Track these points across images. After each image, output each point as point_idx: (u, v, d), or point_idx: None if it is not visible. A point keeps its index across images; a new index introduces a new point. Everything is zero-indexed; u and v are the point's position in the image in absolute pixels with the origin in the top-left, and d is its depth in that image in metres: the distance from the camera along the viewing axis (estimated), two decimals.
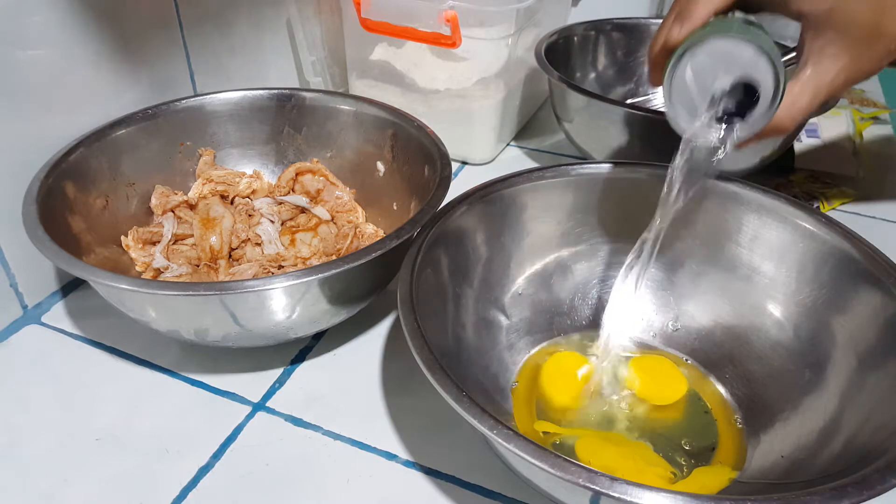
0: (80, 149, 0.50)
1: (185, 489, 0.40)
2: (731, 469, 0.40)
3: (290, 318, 0.43)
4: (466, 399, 0.33)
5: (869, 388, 0.38)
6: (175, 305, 0.42)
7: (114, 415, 0.44)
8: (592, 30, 0.80)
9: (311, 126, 0.60)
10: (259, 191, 0.58)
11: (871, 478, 0.30)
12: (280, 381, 0.47)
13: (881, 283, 0.41)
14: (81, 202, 0.49)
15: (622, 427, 0.43)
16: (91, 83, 0.53)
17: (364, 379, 0.47)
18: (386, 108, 0.58)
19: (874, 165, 0.73)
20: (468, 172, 0.72)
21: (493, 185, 0.48)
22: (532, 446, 0.30)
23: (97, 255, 0.49)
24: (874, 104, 0.87)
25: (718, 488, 0.38)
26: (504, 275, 0.49)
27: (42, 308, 0.52)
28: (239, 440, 0.43)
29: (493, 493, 0.40)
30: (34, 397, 0.45)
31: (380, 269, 0.46)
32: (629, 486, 0.29)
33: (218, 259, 0.52)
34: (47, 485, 0.40)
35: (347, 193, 0.59)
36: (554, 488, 0.34)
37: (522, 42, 0.70)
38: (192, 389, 0.46)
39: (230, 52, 0.66)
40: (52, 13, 0.48)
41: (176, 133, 0.57)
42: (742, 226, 0.47)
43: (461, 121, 0.70)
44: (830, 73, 0.42)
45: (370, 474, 0.41)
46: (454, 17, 0.62)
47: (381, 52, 0.71)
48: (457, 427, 0.43)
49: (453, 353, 0.42)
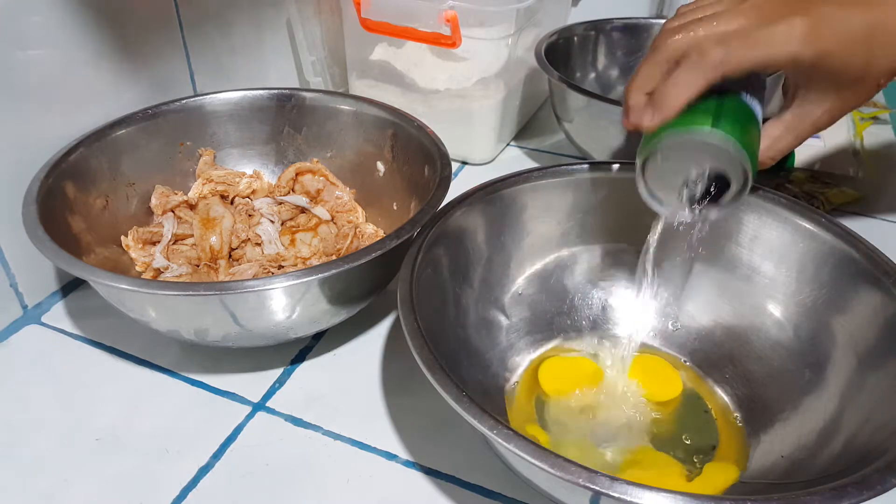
0: (80, 149, 0.50)
1: (185, 489, 0.40)
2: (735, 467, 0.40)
3: (290, 318, 0.43)
4: (466, 399, 0.33)
5: (869, 388, 0.38)
6: (175, 305, 0.42)
7: (114, 415, 0.44)
8: (592, 30, 0.80)
9: (311, 126, 0.60)
10: (259, 191, 0.58)
11: (871, 478, 0.30)
12: (280, 381, 0.47)
13: (881, 283, 0.41)
14: (81, 202, 0.49)
15: (622, 428, 0.43)
16: (91, 83, 0.53)
17: (364, 379, 0.47)
18: (386, 108, 0.58)
19: (874, 165, 0.73)
20: (468, 172, 0.72)
21: (493, 185, 0.48)
22: (532, 446, 0.30)
23: (97, 255, 0.49)
24: (874, 104, 0.87)
25: (731, 482, 0.38)
26: (504, 275, 0.49)
27: (42, 308, 0.52)
28: (239, 440, 0.43)
29: (493, 493, 0.40)
30: (34, 397, 0.45)
31: (380, 269, 0.46)
32: (629, 486, 0.29)
33: (218, 259, 0.52)
34: (47, 485, 0.40)
35: (347, 193, 0.59)
36: (554, 488, 0.34)
37: (522, 42, 0.70)
38: (192, 389, 0.46)
39: (230, 52, 0.66)
40: (52, 13, 0.48)
41: (176, 133, 0.57)
42: (742, 226, 0.47)
43: (461, 121, 0.70)
44: (814, 115, 0.41)
45: (370, 474, 0.41)
46: (454, 17, 0.61)
47: (381, 52, 0.71)
48: (457, 427, 0.43)
49: (453, 353, 0.42)
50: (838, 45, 0.37)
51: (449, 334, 0.43)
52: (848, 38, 0.38)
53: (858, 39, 0.38)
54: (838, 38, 0.37)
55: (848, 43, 0.38)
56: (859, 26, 0.38)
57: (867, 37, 0.38)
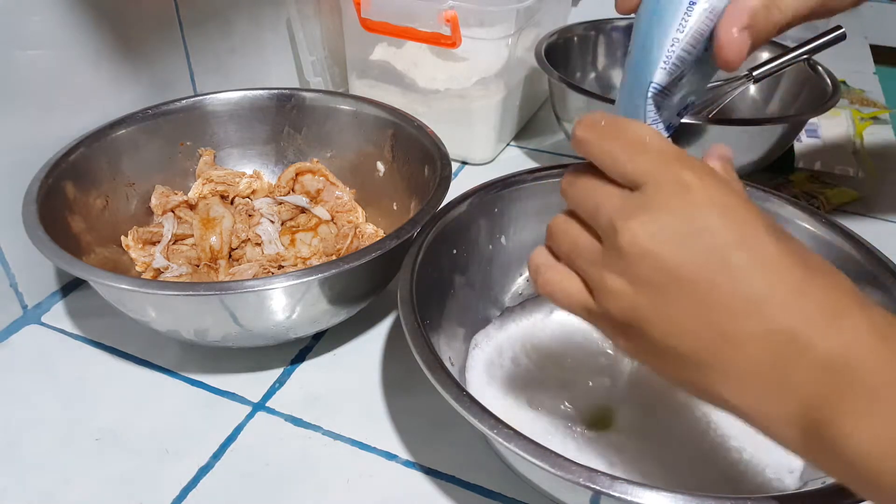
0: (80, 149, 0.50)
1: (185, 489, 0.40)
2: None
3: (290, 318, 0.43)
4: (466, 399, 0.33)
5: None
6: (175, 305, 0.42)
7: (114, 415, 0.44)
8: (592, 30, 0.80)
9: (311, 126, 0.60)
10: (259, 191, 0.58)
11: None
12: (280, 381, 0.47)
13: (881, 283, 0.41)
14: (81, 202, 0.49)
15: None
16: (91, 83, 0.53)
17: (364, 379, 0.47)
18: (386, 108, 0.58)
19: (874, 165, 0.73)
20: (468, 172, 0.72)
21: (493, 185, 0.48)
22: (532, 446, 0.30)
23: (97, 255, 0.49)
24: (874, 104, 0.87)
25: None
26: (504, 275, 0.49)
27: (42, 308, 0.52)
28: (239, 440, 0.43)
29: (493, 493, 0.40)
30: (34, 397, 0.45)
31: (380, 269, 0.46)
32: (629, 485, 0.29)
33: (218, 259, 0.52)
34: (47, 484, 0.40)
35: (347, 193, 0.59)
36: (554, 488, 0.34)
37: (522, 42, 0.70)
38: (192, 389, 0.46)
39: (230, 52, 0.66)
40: (52, 13, 0.48)
41: (176, 133, 0.57)
42: None
43: (461, 121, 0.70)
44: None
45: (370, 474, 0.41)
46: (454, 17, 0.61)
47: (381, 52, 0.71)
48: (457, 427, 0.43)
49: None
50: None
51: (449, 334, 0.43)
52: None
53: None
54: None
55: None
56: None
57: None
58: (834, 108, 0.64)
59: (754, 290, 0.26)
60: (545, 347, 0.47)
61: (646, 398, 0.43)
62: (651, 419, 0.42)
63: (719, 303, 0.27)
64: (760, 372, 0.26)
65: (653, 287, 0.28)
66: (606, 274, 0.29)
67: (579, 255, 0.31)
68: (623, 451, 0.40)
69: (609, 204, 0.29)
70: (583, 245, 0.31)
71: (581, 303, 0.31)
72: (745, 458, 0.40)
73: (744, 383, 0.27)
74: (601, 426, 0.42)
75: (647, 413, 0.43)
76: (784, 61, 0.66)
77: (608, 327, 0.31)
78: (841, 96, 0.65)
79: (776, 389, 0.26)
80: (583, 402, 0.43)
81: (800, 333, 0.25)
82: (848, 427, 0.24)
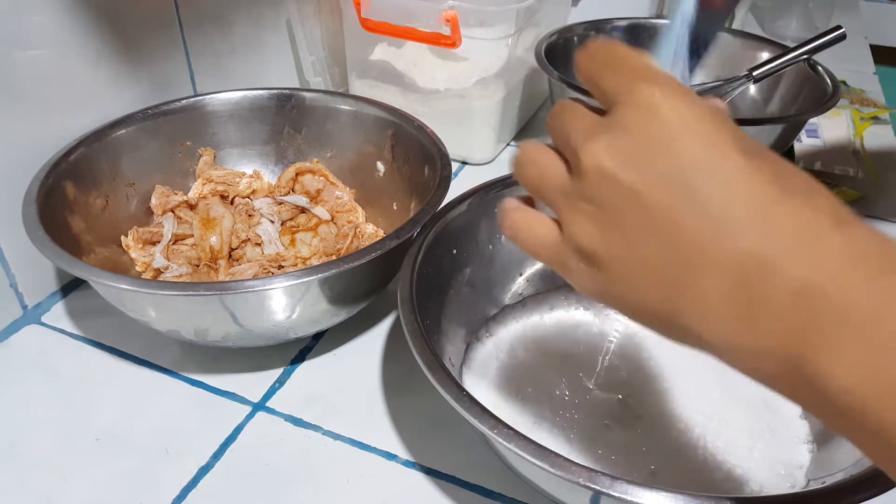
0: (80, 149, 0.50)
1: (185, 489, 0.40)
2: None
3: (290, 318, 0.43)
4: (466, 399, 0.33)
5: None
6: (175, 305, 0.42)
7: (114, 415, 0.44)
8: (592, 30, 0.80)
9: (311, 126, 0.60)
10: (259, 191, 0.58)
11: (870, 478, 0.30)
12: (280, 381, 0.47)
13: None
14: (81, 202, 0.49)
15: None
16: (91, 83, 0.53)
17: (364, 379, 0.47)
18: (386, 108, 0.58)
19: (874, 165, 0.73)
20: (468, 172, 0.72)
21: (493, 185, 0.48)
22: (532, 446, 0.30)
23: (97, 255, 0.49)
24: (874, 104, 0.87)
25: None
26: (504, 275, 0.49)
27: (42, 308, 0.52)
28: (239, 440, 0.43)
29: (493, 493, 0.40)
30: (34, 397, 0.45)
31: (380, 269, 0.46)
32: (629, 485, 0.29)
33: (218, 259, 0.52)
34: (47, 485, 0.40)
35: (347, 193, 0.59)
36: (554, 488, 0.34)
37: (522, 42, 0.70)
38: (192, 389, 0.46)
39: (230, 51, 0.66)
40: (52, 13, 0.48)
41: (176, 133, 0.57)
42: None
43: (461, 121, 0.70)
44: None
45: (370, 474, 0.41)
46: (454, 17, 0.61)
47: (381, 52, 0.71)
48: (457, 427, 0.43)
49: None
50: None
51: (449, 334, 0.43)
52: None
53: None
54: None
55: None
56: None
57: None
58: (834, 108, 0.64)
59: (717, 212, 0.24)
60: (545, 344, 0.47)
61: (646, 395, 0.43)
62: (651, 417, 0.42)
63: (681, 228, 0.25)
64: (729, 302, 0.24)
65: (613, 212, 0.26)
66: (573, 201, 0.27)
67: (544, 181, 0.29)
68: (623, 448, 0.40)
69: (579, 126, 0.27)
70: (551, 173, 0.29)
71: (547, 240, 0.29)
72: (744, 457, 0.40)
73: (713, 316, 0.24)
74: (601, 421, 0.42)
75: (648, 409, 0.43)
76: (784, 61, 0.66)
77: (574, 263, 0.28)
78: (841, 96, 0.65)
79: (747, 321, 0.24)
80: (583, 398, 0.43)
81: (768, 257, 0.23)
82: (825, 361, 0.22)
